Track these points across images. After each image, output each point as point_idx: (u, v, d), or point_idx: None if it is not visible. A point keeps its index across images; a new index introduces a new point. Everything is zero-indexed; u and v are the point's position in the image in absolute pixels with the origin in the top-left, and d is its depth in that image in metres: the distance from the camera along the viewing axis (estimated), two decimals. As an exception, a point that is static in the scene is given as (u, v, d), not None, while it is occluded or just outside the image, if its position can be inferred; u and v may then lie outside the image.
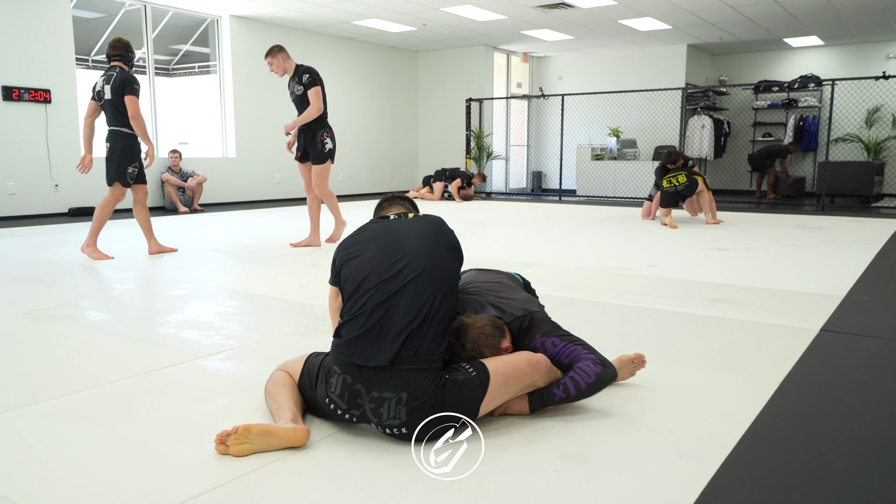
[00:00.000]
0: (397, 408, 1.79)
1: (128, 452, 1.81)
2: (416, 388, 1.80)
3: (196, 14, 9.95)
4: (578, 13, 9.98)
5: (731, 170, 13.48)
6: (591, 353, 2.08)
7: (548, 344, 2.12)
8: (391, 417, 1.80)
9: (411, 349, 1.83)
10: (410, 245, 2.01)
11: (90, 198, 8.79)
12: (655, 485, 1.64)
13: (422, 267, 1.95)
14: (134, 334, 3.01)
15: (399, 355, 1.82)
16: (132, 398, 2.21)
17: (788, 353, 2.70)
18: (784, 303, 3.62)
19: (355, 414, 1.86)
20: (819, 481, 1.66)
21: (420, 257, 1.98)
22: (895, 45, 12.15)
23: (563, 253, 5.42)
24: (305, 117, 5.34)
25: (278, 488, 1.62)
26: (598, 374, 2.00)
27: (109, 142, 5.13)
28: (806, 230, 6.94)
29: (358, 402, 1.84)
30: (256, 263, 4.94)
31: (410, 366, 1.82)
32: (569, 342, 2.11)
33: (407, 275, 1.93)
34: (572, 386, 2.00)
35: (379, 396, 1.81)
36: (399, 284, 1.92)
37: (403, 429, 1.81)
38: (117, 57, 5.12)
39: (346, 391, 1.85)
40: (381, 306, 1.89)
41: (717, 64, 13.85)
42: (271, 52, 5.35)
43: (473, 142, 12.75)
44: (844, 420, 2.04)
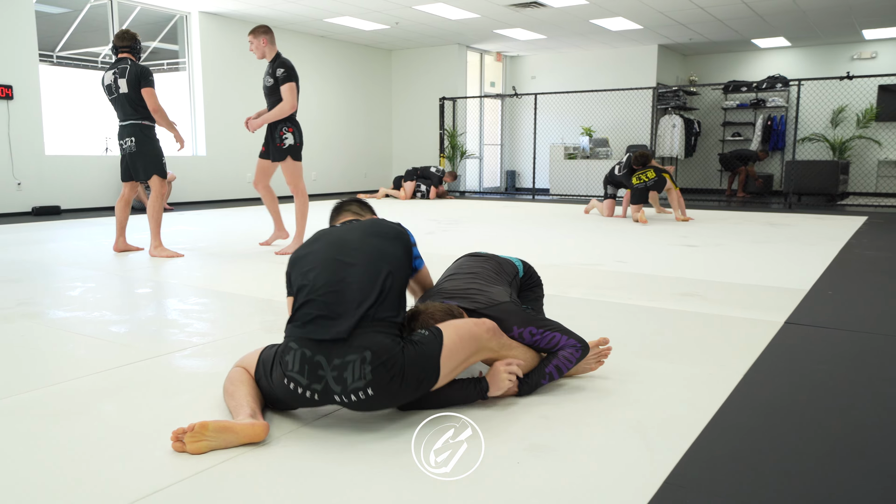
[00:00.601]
0: (362, 367, 1.79)
1: (86, 450, 1.76)
2: (379, 345, 1.81)
3: (164, 10, 9.80)
4: (551, 12, 10.02)
5: (702, 169, 13.64)
6: (570, 337, 2.18)
7: (525, 334, 2.16)
8: (357, 379, 1.79)
9: (369, 319, 1.87)
10: (354, 237, 2.09)
11: (54, 197, 8.61)
12: (620, 474, 1.63)
13: (368, 251, 2.03)
14: (95, 332, 2.94)
15: (357, 327, 1.84)
16: (92, 396, 2.16)
17: (753, 346, 2.72)
18: (751, 297, 3.66)
19: (317, 389, 1.83)
20: (780, 468, 1.66)
21: (365, 245, 2.05)
22: (860, 46, 12.39)
23: (534, 250, 5.42)
24: (275, 114, 5.03)
25: (238, 484, 1.58)
26: (578, 359, 2.18)
27: (134, 136, 4.99)
28: (774, 227, 7.04)
29: (319, 374, 1.82)
30: (224, 261, 4.87)
31: (369, 329, 1.85)
32: (546, 329, 2.17)
33: (355, 259, 1.99)
34: (556, 373, 2.16)
35: (341, 362, 1.80)
36: (349, 268, 1.97)
37: (369, 389, 1.80)
38: (125, 49, 5.00)
39: (305, 364, 1.83)
40: (334, 289, 1.92)
41: (688, 64, 14.02)
42: (255, 31, 5.05)
43: (447, 141, 12.74)
44: (806, 409, 2.06)
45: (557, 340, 2.16)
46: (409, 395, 1.88)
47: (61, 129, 9.91)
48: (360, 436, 1.85)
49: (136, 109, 4.94)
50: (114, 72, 4.94)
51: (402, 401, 1.90)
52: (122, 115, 4.98)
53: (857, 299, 3.61)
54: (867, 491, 1.56)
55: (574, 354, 2.16)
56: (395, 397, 1.85)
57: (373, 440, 1.82)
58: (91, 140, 10.13)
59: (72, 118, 10.33)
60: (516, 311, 2.20)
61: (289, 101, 5.02)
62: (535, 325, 2.17)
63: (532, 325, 2.17)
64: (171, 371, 2.42)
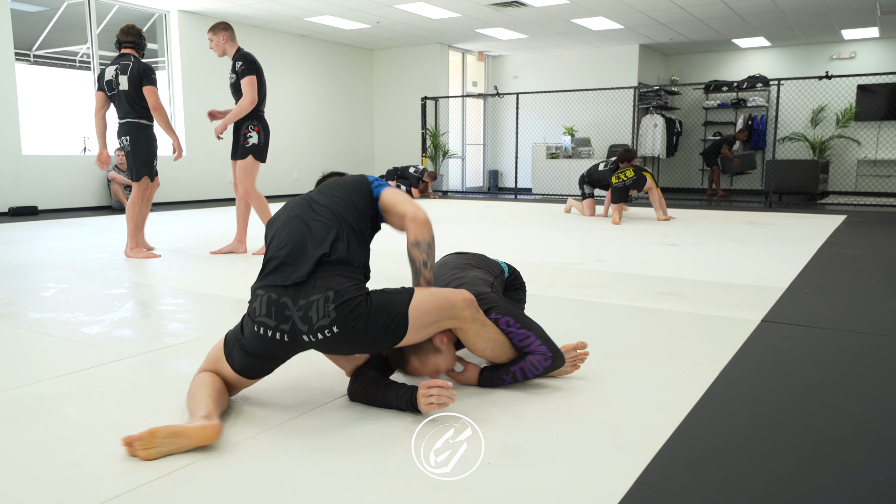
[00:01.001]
0: (325, 306, 1.84)
1: (44, 454, 1.72)
2: (340, 286, 1.86)
3: (143, 8, 9.70)
4: (532, 11, 10.02)
5: (683, 168, 13.71)
6: (543, 342, 2.12)
7: (501, 322, 2.12)
8: (321, 317, 1.84)
9: (328, 264, 1.91)
10: (320, 194, 2.13)
11: (31, 197, 8.49)
12: (591, 475, 1.61)
13: (327, 202, 2.05)
14: (65, 334, 2.88)
15: (316, 270, 1.89)
16: (54, 399, 2.11)
17: (729, 344, 2.72)
18: (729, 295, 3.66)
19: (285, 329, 1.87)
20: (754, 468, 1.65)
21: (326, 198, 2.08)
22: (839, 46, 12.51)
23: (515, 249, 5.41)
24: (236, 113, 4.79)
25: (199, 489, 1.55)
26: (546, 368, 2.14)
27: (129, 135, 4.88)
28: (755, 226, 7.07)
29: (286, 315, 1.87)
30: (201, 262, 4.81)
31: (330, 272, 1.90)
32: (523, 326, 2.12)
33: (316, 210, 2.04)
34: (520, 375, 2.14)
35: (306, 303, 1.85)
36: (310, 221, 2.01)
37: (335, 327, 1.84)
38: (129, 44, 4.87)
39: (272, 307, 1.88)
40: (294, 241, 1.97)
41: (669, 64, 14.08)
42: (214, 28, 4.85)
43: (429, 140, 12.71)
44: (781, 407, 2.05)
45: (530, 342, 2.12)
46: (376, 340, 1.90)
47: (39, 129, 9.76)
48: (323, 440, 1.82)
49: (134, 108, 4.84)
50: (115, 67, 4.83)
51: (369, 346, 1.92)
52: (121, 112, 4.88)
53: (835, 297, 3.63)
54: (842, 490, 1.55)
55: (542, 363, 2.12)
56: (363, 340, 1.89)
57: (335, 444, 1.79)
58: (69, 140, 10.00)
59: (49, 117, 10.19)
60: (497, 300, 2.17)
61: (248, 96, 4.76)
62: (513, 317, 2.12)
63: (511, 316, 2.12)
64: (139, 373, 2.37)
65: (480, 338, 2.08)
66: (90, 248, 5.44)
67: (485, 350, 2.11)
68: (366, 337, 1.88)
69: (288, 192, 11.89)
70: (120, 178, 8.93)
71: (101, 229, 6.76)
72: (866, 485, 1.57)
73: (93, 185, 9.15)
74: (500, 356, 2.14)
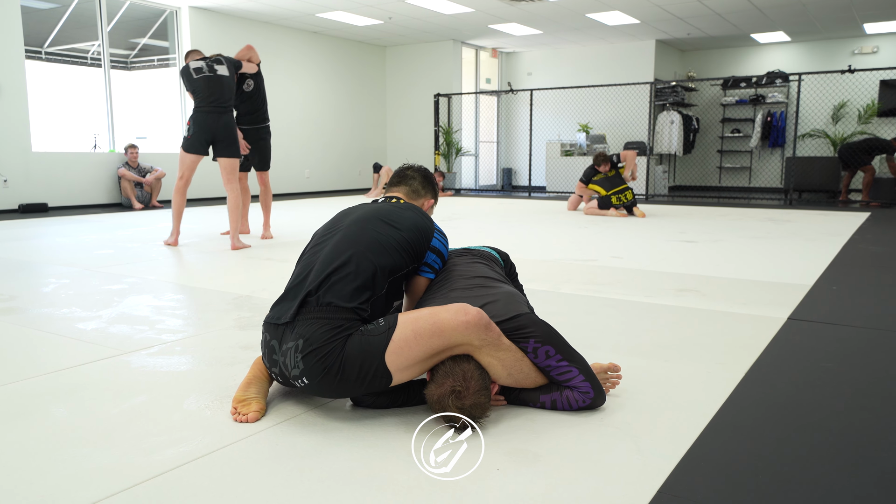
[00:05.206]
0: (294, 356, 1.75)
1: (35, 453, 1.61)
2: (311, 334, 1.74)
3: (154, 5, 9.64)
4: (546, 6, 9.86)
5: (700, 166, 13.49)
6: (587, 378, 1.85)
7: (541, 352, 1.83)
8: (293, 367, 1.76)
9: (312, 304, 1.79)
10: (348, 220, 2.01)
11: (41, 194, 8.45)
12: (610, 483, 1.48)
13: (343, 233, 1.94)
14: (61, 330, 2.78)
15: (300, 310, 1.79)
16: (45, 396, 2.00)
17: (755, 343, 2.57)
18: (751, 292, 3.50)
19: (276, 373, 1.84)
20: (783, 474, 1.51)
21: (348, 227, 1.96)
22: (861, 41, 12.24)
23: (528, 245, 5.27)
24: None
25: (194, 490, 1.43)
26: (582, 407, 1.87)
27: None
28: (774, 223, 6.88)
29: (274, 359, 1.82)
30: (206, 258, 4.71)
31: (309, 316, 1.77)
32: (564, 358, 1.83)
33: (328, 240, 1.95)
34: (549, 406, 1.87)
35: (285, 348, 1.78)
36: (319, 251, 1.93)
37: (305, 378, 1.75)
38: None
39: (266, 349, 1.85)
40: (302, 271, 1.91)
41: (686, 60, 13.86)
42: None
43: (442, 138, 12.58)
44: (811, 410, 1.90)
45: (572, 377, 1.84)
46: (356, 390, 1.76)
47: (49, 126, 9.74)
48: (318, 442, 1.69)
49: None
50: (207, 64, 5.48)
51: (349, 394, 1.79)
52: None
53: (862, 295, 3.46)
54: (875, 498, 1.40)
55: (579, 402, 1.84)
56: (336, 391, 1.76)
57: (335, 444, 1.67)
58: (79, 137, 9.97)
59: (60, 114, 10.17)
60: (535, 322, 1.85)
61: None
62: (554, 346, 1.83)
63: (551, 345, 1.83)
64: (132, 370, 2.26)
65: (493, 366, 1.78)
66: (95, 244, 5.36)
67: (502, 378, 1.82)
68: (340, 388, 1.73)
69: (300, 189, 11.80)
70: (130, 174, 8.87)
71: (109, 226, 6.69)
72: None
73: (103, 183, 9.10)
74: (522, 382, 1.86)
